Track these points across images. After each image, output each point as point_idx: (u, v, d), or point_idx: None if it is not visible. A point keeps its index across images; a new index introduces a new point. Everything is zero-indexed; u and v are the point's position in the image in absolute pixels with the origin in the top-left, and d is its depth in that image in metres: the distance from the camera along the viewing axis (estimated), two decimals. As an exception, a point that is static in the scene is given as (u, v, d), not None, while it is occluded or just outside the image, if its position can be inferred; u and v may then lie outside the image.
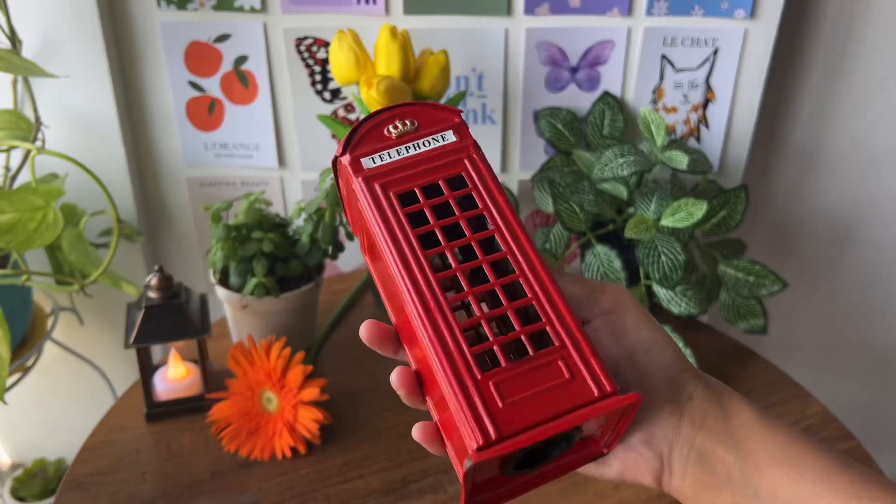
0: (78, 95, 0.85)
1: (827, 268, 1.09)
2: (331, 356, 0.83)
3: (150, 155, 0.94)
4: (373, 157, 0.39)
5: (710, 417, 0.37)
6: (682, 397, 0.37)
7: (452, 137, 0.40)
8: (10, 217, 0.68)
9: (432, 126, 0.40)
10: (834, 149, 1.00)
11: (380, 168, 0.39)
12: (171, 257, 1.01)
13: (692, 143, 0.94)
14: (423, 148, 0.40)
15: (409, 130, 0.40)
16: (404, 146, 0.39)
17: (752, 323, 0.83)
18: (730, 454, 0.36)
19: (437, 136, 0.40)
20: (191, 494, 0.66)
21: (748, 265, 0.82)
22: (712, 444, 0.37)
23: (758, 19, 0.85)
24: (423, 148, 0.40)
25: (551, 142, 0.91)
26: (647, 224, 0.76)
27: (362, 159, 0.39)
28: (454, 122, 0.40)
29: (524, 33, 0.86)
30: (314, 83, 0.90)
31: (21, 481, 1.06)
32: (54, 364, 1.03)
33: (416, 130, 0.40)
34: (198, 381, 0.75)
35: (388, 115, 0.40)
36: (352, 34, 0.75)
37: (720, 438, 0.37)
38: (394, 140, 0.39)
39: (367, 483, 0.67)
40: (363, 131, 0.40)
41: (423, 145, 0.40)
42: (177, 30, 0.86)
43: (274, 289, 0.72)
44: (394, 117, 0.40)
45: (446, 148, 0.40)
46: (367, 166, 0.39)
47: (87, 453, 0.70)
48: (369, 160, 0.39)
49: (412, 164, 0.39)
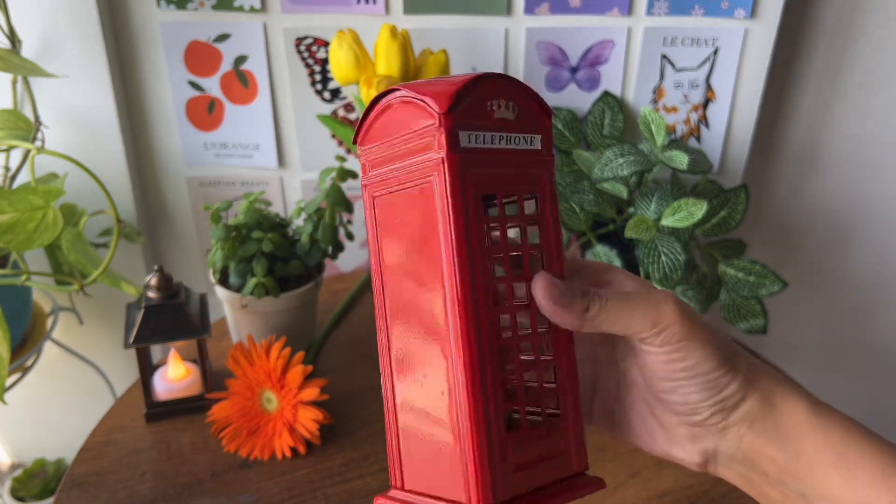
0: (78, 95, 0.85)
1: (827, 268, 1.09)
2: (331, 356, 0.83)
3: (149, 155, 0.94)
4: (470, 135, 0.33)
5: (759, 420, 0.36)
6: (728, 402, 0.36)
7: (539, 145, 0.36)
8: (10, 217, 0.68)
9: (527, 121, 0.35)
10: (834, 148, 1.00)
11: (474, 151, 0.33)
12: (171, 257, 1.01)
13: (692, 142, 0.94)
14: (514, 145, 0.35)
15: (508, 117, 0.34)
16: (499, 135, 0.34)
17: (752, 323, 0.83)
18: (780, 454, 0.36)
19: (528, 138, 0.36)
20: (190, 494, 0.66)
21: (748, 265, 0.82)
22: (761, 444, 0.36)
23: (758, 19, 0.85)
24: (514, 145, 0.35)
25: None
26: (647, 224, 0.76)
27: (461, 132, 0.32)
28: (545, 125, 0.36)
29: (524, 33, 0.86)
30: (314, 83, 0.90)
31: (21, 481, 1.06)
32: (54, 364, 1.03)
33: (514, 119, 0.35)
34: (197, 381, 0.75)
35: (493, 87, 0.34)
36: (352, 34, 0.75)
37: (770, 439, 0.36)
38: (494, 122, 0.34)
39: (367, 483, 0.67)
40: (471, 95, 0.33)
41: (515, 142, 0.35)
42: (176, 29, 0.85)
43: (274, 289, 0.72)
44: (497, 93, 0.34)
45: (533, 156, 0.36)
46: (463, 143, 0.33)
47: (86, 453, 0.70)
48: (466, 136, 0.33)
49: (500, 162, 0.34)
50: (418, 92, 0.33)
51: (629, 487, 0.67)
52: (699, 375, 0.36)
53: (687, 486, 0.67)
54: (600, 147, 0.90)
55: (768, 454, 0.36)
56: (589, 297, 0.35)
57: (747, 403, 0.36)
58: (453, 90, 0.32)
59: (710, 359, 0.36)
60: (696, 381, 0.36)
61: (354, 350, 0.83)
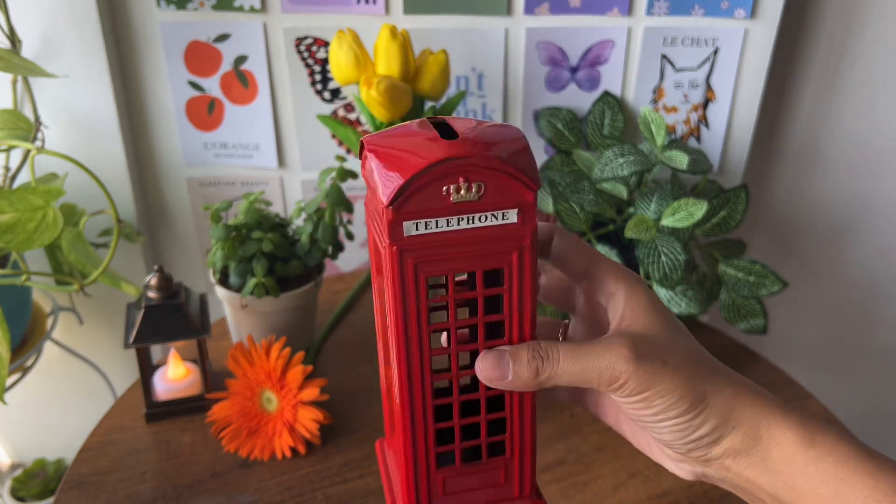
0: (78, 95, 0.85)
1: (827, 267, 1.09)
2: (331, 356, 0.83)
3: (149, 155, 0.94)
4: (417, 223, 0.33)
5: (744, 454, 0.35)
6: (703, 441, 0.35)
7: (514, 218, 0.34)
8: (10, 217, 0.68)
9: (498, 197, 0.33)
10: (834, 148, 1.00)
11: (421, 239, 0.33)
12: (171, 257, 1.01)
13: (692, 142, 0.94)
14: (479, 223, 0.33)
15: (471, 199, 0.33)
16: (457, 217, 0.33)
17: (752, 323, 0.83)
18: (770, 486, 0.35)
19: (499, 214, 0.33)
20: (190, 494, 0.66)
21: (748, 265, 0.82)
22: (749, 475, 0.35)
23: (758, 19, 0.85)
24: (479, 223, 0.33)
25: (551, 141, 0.91)
26: (647, 224, 0.76)
27: (405, 222, 0.32)
28: (525, 200, 0.34)
29: (524, 33, 0.86)
30: (314, 83, 0.90)
31: (21, 481, 1.06)
32: (54, 364, 1.03)
33: (478, 200, 0.33)
34: (197, 381, 0.75)
35: (455, 168, 0.32)
36: (352, 34, 0.75)
37: (758, 471, 0.35)
38: (449, 206, 0.33)
39: (367, 483, 0.67)
40: (421, 182, 0.32)
41: (480, 220, 0.33)
42: (176, 29, 0.85)
43: (274, 289, 0.72)
44: (460, 173, 0.32)
45: (503, 230, 0.34)
46: (407, 233, 0.33)
47: (86, 453, 0.70)
48: (412, 225, 0.33)
49: (457, 242, 0.33)
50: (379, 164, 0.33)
51: (629, 487, 0.67)
52: (666, 420, 0.35)
53: (687, 486, 0.67)
54: (600, 147, 0.90)
55: (758, 484, 0.35)
56: (539, 360, 0.35)
57: (728, 439, 0.35)
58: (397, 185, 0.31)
59: (674, 406, 0.34)
60: (664, 426, 0.35)
61: (354, 350, 0.83)
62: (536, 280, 0.35)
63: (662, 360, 0.35)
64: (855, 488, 0.32)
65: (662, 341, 0.35)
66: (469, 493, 0.39)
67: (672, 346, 0.35)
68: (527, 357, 0.35)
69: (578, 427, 0.73)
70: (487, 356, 0.36)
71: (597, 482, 0.67)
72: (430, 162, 0.31)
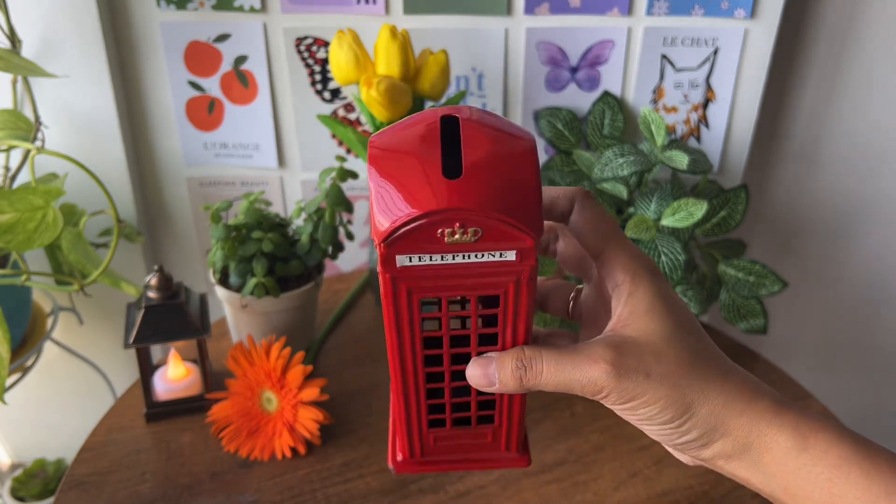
0: (78, 95, 0.85)
1: (827, 267, 1.09)
2: (331, 356, 0.83)
3: (149, 155, 0.94)
4: (410, 257, 0.32)
5: (735, 458, 0.35)
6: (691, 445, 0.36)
7: (513, 257, 0.33)
8: (10, 217, 0.68)
9: (496, 242, 0.32)
10: (834, 148, 1.00)
11: (414, 270, 0.33)
12: (171, 257, 1.01)
13: (692, 142, 0.94)
14: (475, 259, 0.33)
15: (466, 240, 0.32)
16: (451, 254, 0.32)
17: (752, 323, 0.83)
18: (765, 487, 0.35)
19: (496, 253, 0.33)
20: (190, 494, 0.66)
21: (748, 265, 0.82)
22: (743, 475, 0.36)
23: (758, 19, 0.85)
24: (475, 259, 0.33)
25: (551, 141, 0.91)
26: (647, 224, 0.76)
27: (398, 256, 0.32)
28: (524, 245, 0.33)
29: (524, 33, 0.86)
30: (314, 83, 0.90)
31: (21, 481, 1.06)
32: (54, 364, 1.03)
33: (475, 242, 0.32)
34: (197, 381, 0.75)
35: (451, 216, 0.31)
36: (352, 34, 0.75)
37: (751, 473, 0.35)
38: (444, 246, 0.32)
39: (367, 483, 0.67)
40: (413, 228, 0.31)
41: (476, 257, 0.33)
42: (176, 29, 0.85)
43: (274, 289, 0.72)
44: (457, 220, 0.31)
45: (500, 266, 0.33)
46: (400, 264, 0.33)
47: (86, 453, 0.70)
48: (405, 258, 0.33)
49: (451, 274, 0.33)
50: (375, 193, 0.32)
51: (629, 487, 0.67)
52: (652, 425, 0.36)
53: (687, 487, 0.67)
54: (600, 147, 0.90)
55: (753, 483, 0.35)
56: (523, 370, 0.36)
57: (717, 445, 0.35)
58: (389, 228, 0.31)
59: (658, 416, 0.35)
60: (650, 429, 0.36)
61: (354, 350, 0.83)
62: (534, 299, 0.35)
63: (646, 372, 0.35)
64: (849, 492, 0.33)
65: (654, 347, 0.35)
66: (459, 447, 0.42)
67: (664, 351, 0.35)
68: (511, 366, 0.36)
69: (578, 427, 0.73)
70: (476, 364, 0.37)
71: (597, 482, 0.67)
72: (425, 212, 0.31)
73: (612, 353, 0.35)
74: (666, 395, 0.35)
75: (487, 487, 0.67)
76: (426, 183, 0.31)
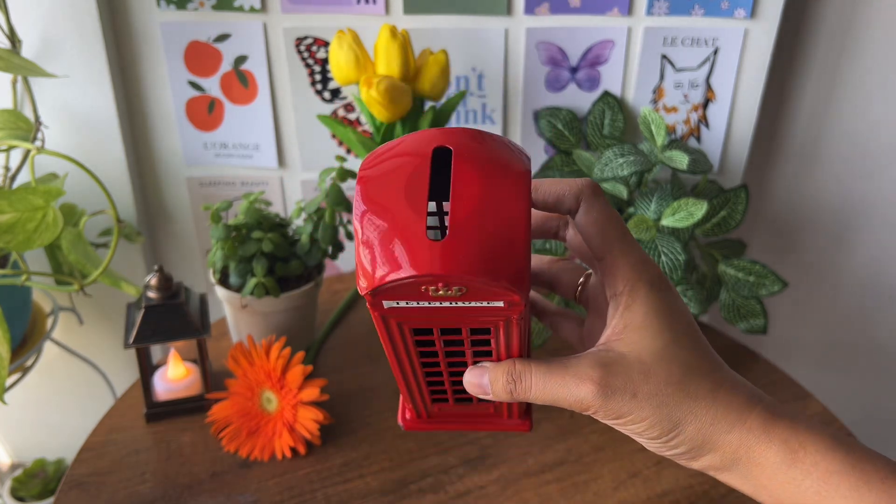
0: (78, 95, 0.85)
1: (827, 267, 1.09)
2: (330, 356, 0.83)
3: (149, 155, 0.94)
4: (398, 302, 0.32)
5: (725, 470, 0.36)
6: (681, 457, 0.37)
7: (500, 304, 0.32)
8: (10, 217, 0.68)
9: (481, 296, 0.32)
10: (834, 148, 1.00)
11: (402, 310, 0.33)
12: (171, 257, 1.01)
13: (692, 142, 0.94)
14: (462, 304, 0.32)
15: (452, 295, 0.31)
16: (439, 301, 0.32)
17: (752, 323, 0.83)
18: (756, 495, 0.36)
19: (482, 303, 0.32)
20: (190, 494, 0.66)
21: (748, 265, 0.82)
22: (733, 485, 0.36)
23: (758, 19, 0.85)
24: (462, 304, 0.32)
25: (551, 142, 0.91)
26: (647, 224, 0.76)
27: (384, 301, 0.32)
28: (512, 299, 0.32)
29: (524, 33, 0.86)
30: (314, 83, 0.90)
31: (21, 481, 1.06)
32: (54, 364, 1.03)
33: (462, 295, 0.31)
34: (197, 381, 0.75)
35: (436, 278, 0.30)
36: (352, 34, 0.75)
37: (741, 484, 0.36)
38: (429, 298, 0.32)
39: (367, 483, 0.67)
40: (397, 286, 0.30)
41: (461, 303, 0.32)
42: (176, 29, 0.85)
43: (274, 289, 0.72)
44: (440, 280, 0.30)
45: (488, 310, 0.33)
46: (388, 306, 0.33)
47: (86, 453, 0.70)
48: (393, 303, 0.32)
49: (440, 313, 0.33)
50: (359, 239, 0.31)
51: (629, 487, 0.67)
52: (641, 438, 0.37)
53: (687, 487, 0.67)
54: (600, 147, 0.90)
55: (744, 492, 0.36)
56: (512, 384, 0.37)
57: (706, 458, 0.36)
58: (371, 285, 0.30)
59: (645, 433, 0.36)
60: (640, 440, 0.37)
61: (354, 350, 0.83)
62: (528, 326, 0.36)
63: (633, 392, 0.35)
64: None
65: (643, 366, 0.35)
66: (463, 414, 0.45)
67: (653, 369, 0.35)
68: (502, 380, 0.37)
69: (578, 427, 0.73)
70: (471, 373, 0.39)
71: (597, 482, 0.67)
72: (407, 276, 0.30)
73: (599, 373, 0.35)
74: (651, 415, 0.35)
75: (487, 487, 0.67)
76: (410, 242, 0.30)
